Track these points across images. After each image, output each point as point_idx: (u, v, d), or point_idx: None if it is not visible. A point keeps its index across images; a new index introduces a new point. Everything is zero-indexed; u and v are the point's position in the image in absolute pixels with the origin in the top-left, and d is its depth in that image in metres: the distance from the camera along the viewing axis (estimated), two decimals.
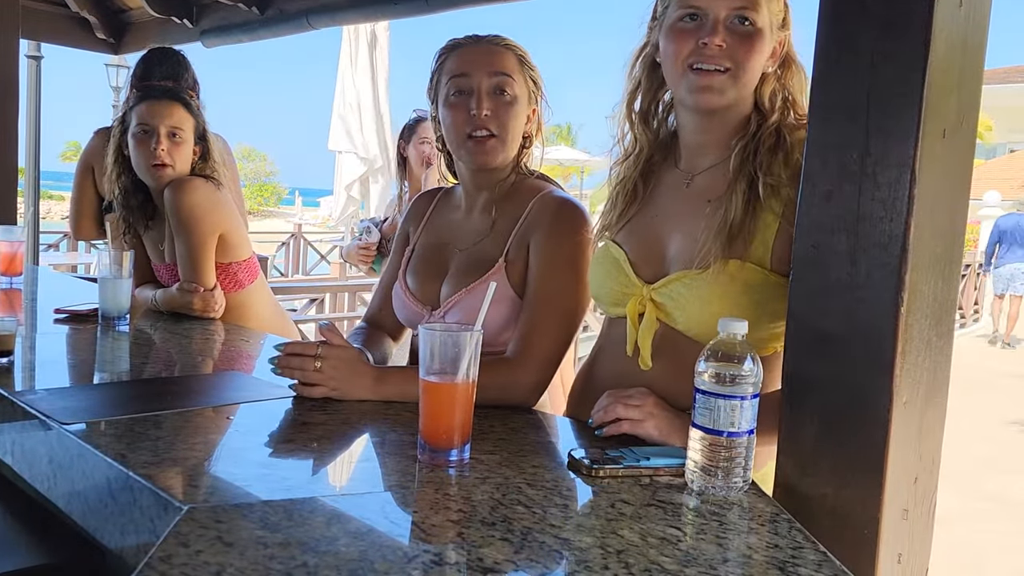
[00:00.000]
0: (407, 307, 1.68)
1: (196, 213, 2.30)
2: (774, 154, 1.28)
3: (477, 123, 1.53)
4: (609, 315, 1.48)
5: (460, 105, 1.55)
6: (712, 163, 1.35)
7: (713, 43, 1.24)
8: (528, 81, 1.59)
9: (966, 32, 1.07)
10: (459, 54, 1.59)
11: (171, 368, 1.78)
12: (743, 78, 1.27)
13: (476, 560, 0.86)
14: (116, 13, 4.45)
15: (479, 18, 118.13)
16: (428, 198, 1.81)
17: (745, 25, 1.25)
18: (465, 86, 1.55)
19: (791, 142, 1.28)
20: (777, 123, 1.31)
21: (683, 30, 1.27)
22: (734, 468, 1.07)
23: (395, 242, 1.83)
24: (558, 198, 1.57)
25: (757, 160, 1.28)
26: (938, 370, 1.13)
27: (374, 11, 3.74)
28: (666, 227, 1.38)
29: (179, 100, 2.40)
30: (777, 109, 1.32)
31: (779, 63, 1.32)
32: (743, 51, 1.25)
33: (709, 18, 1.25)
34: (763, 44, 1.27)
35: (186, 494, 1.01)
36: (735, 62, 1.25)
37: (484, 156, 1.56)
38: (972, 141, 1.13)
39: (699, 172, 1.37)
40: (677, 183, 1.40)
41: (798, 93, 1.33)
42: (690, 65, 1.26)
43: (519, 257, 1.55)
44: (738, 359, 1.06)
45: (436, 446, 1.15)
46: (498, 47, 1.58)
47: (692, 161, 1.39)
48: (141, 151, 2.32)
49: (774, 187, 1.25)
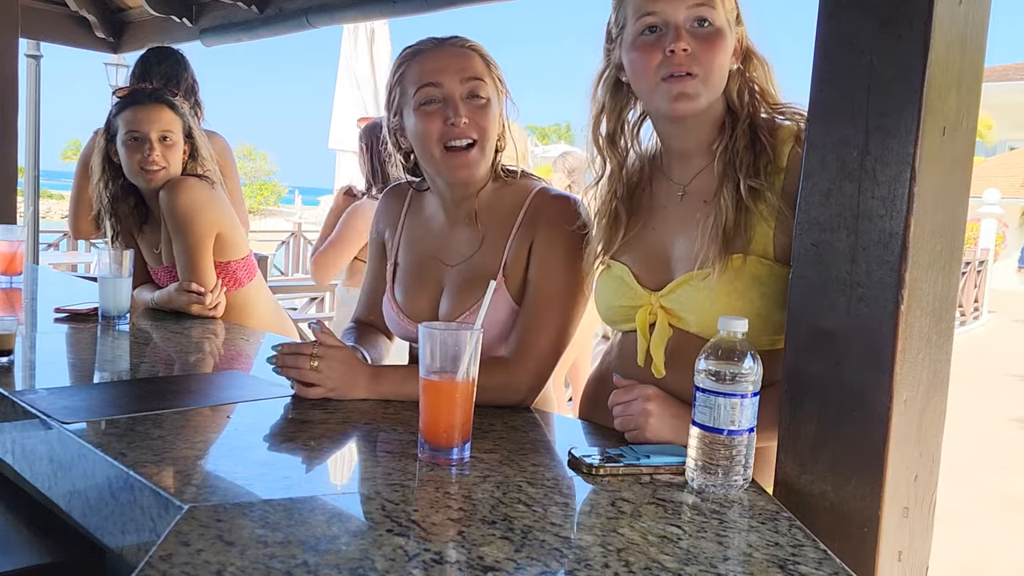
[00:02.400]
0: (399, 324, 1.64)
1: (192, 211, 2.30)
2: (753, 154, 1.29)
3: (456, 132, 1.47)
4: (621, 331, 1.46)
5: (434, 114, 1.47)
6: (700, 167, 1.36)
7: (679, 48, 1.24)
8: (495, 81, 1.53)
9: (966, 29, 1.07)
10: (424, 61, 1.50)
11: (171, 367, 1.78)
12: (712, 79, 1.27)
13: (476, 559, 0.86)
14: (115, 12, 4.45)
15: (479, 17, 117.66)
16: (398, 197, 1.72)
17: (705, 26, 1.26)
18: (437, 95, 1.47)
19: (771, 142, 1.29)
20: (749, 119, 1.31)
21: (646, 43, 1.28)
22: (734, 466, 1.07)
23: (371, 243, 1.77)
24: (553, 195, 1.55)
25: (738, 161, 1.29)
26: (938, 368, 1.13)
27: (373, 10, 3.74)
28: (666, 236, 1.38)
29: (164, 102, 2.38)
30: (747, 104, 1.32)
31: (741, 59, 1.33)
32: (708, 52, 1.25)
33: (670, 26, 1.25)
34: (725, 42, 1.27)
35: (186, 493, 1.01)
36: (702, 64, 1.25)
37: (467, 170, 1.49)
38: (972, 139, 1.13)
39: (690, 180, 1.37)
40: (671, 193, 1.40)
41: (765, 83, 1.33)
42: (662, 76, 1.26)
43: (519, 263, 1.51)
44: (738, 357, 1.06)
45: (436, 445, 1.15)
46: (464, 50, 1.52)
47: (681, 170, 1.39)
48: (134, 157, 2.31)
49: (758, 189, 1.26)
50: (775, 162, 1.28)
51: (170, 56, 3.02)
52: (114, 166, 2.41)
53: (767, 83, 1.33)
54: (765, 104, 1.33)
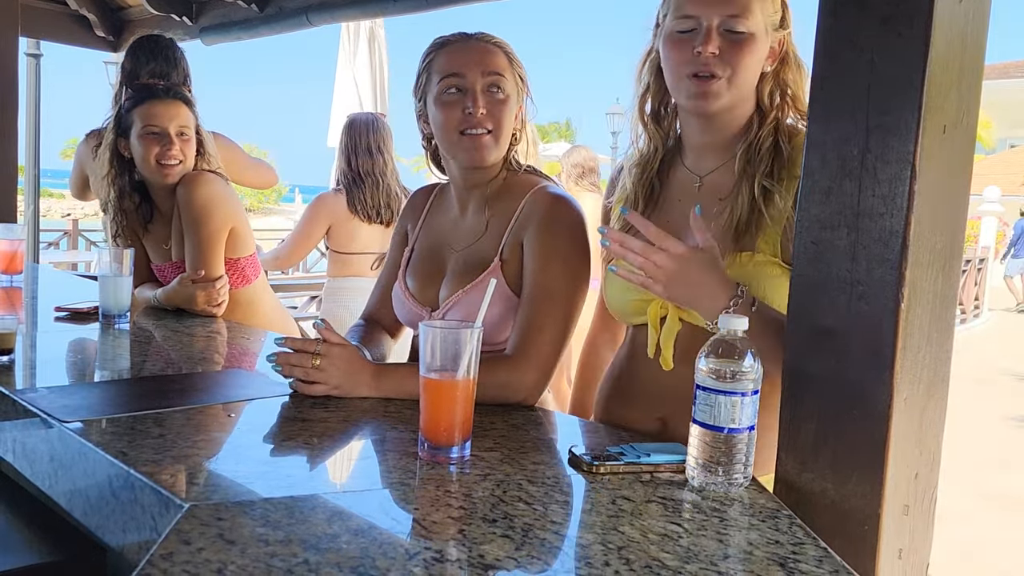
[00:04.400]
0: (407, 308, 1.68)
1: (211, 205, 2.31)
2: (775, 158, 1.33)
3: (473, 122, 1.53)
4: (632, 325, 1.49)
5: (454, 104, 1.54)
6: (718, 164, 1.40)
7: (707, 51, 1.29)
8: (516, 78, 1.60)
9: (966, 27, 1.07)
10: (450, 52, 1.58)
11: (172, 366, 1.78)
12: (737, 81, 1.31)
13: (477, 557, 0.86)
14: (115, 11, 4.44)
15: (479, 16, 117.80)
16: (425, 194, 1.80)
17: (738, 31, 1.30)
18: (459, 85, 1.54)
19: (789, 148, 1.33)
20: (775, 121, 1.35)
21: (680, 40, 1.33)
22: (734, 464, 1.07)
23: (393, 238, 1.83)
24: (551, 194, 1.57)
25: (759, 162, 1.32)
26: (938, 366, 1.13)
27: (373, 8, 3.74)
28: (679, 227, 1.37)
29: (181, 98, 2.41)
30: (776, 106, 1.36)
31: (777, 61, 1.36)
32: (736, 56, 1.30)
33: (703, 27, 1.30)
34: (756, 47, 1.31)
35: (187, 492, 1.01)
36: (729, 67, 1.30)
37: (479, 152, 1.55)
38: (972, 137, 1.13)
39: (707, 173, 1.41)
40: (688, 186, 1.43)
41: (797, 88, 1.37)
42: (688, 73, 1.31)
43: (514, 255, 1.55)
44: (738, 355, 1.06)
45: (437, 443, 1.15)
46: (489, 45, 1.58)
47: (698, 163, 1.43)
48: (152, 151, 2.32)
49: (770, 190, 1.30)
50: (789, 169, 1.31)
51: (161, 53, 2.94)
52: (123, 161, 2.40)
53: (799, 88, 1.36)
54: (794, 108, 1.37)
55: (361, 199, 3.30)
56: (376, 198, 3.31)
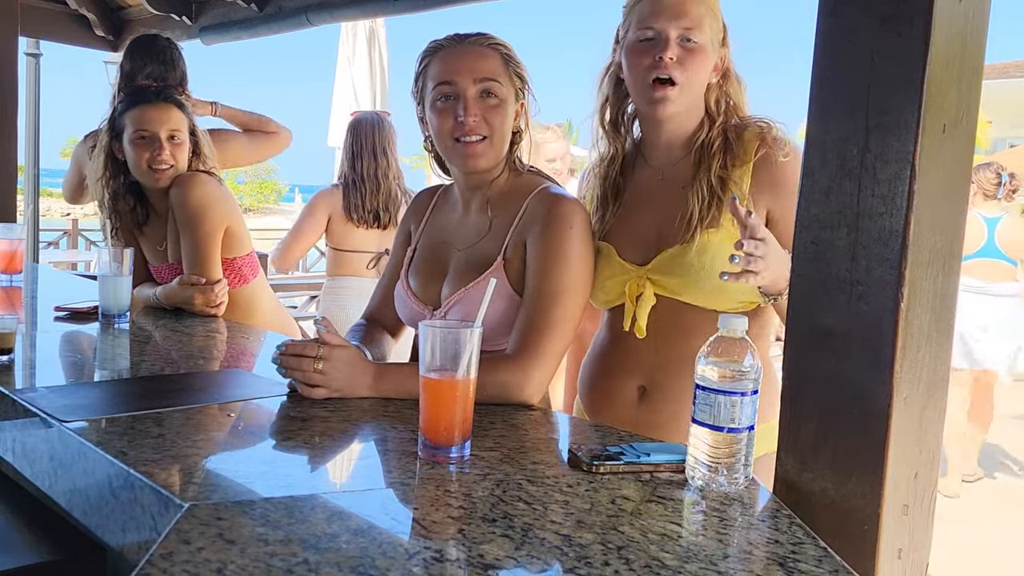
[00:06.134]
0: (409, 307, 1.68)
1: (204, 206, 2.31)
2: (725, 152, 1.53)
3: (466, 129, 1.53)
4: (608, 309, 1.64)
5: (447, 111, 1.54)
6: (679, 158, 1.60)
7: (667, 56, 1.48)
8: (514, 79, 1.58)
9: (966, 26, 1.07)
10: (442, 59, 1.57)
11: (172, 365, 1.78)
12: (691, 86, 1.51)
13: (477, 556, 0.86)
14: (115, 10, 4.45)
15: (479, 16, 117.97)
16: (429, 195, 1.81)
17: (691, 42, 1.50)
18: (451, 93, 1.54)
19: (739, 141, 1.54)
20: (723, 125, 1.56)
21: (642, 48, 1.52)
22: (735, 464, 1.07)
23: (396, 238, 1.83)
24: (553, 195, 1.57)
25: (711, 157, 1.53)
26: (938, 365, 1.13)
27: (373, 8, 3.74)
28: (648, 216, 1.59)
29: (173, 102, 2.40)
30: (722, 112, 1.58)
31: (720, 75, 1.57)
32: (691, 62, 1.50)
33: (663, 37, 1.50)
34: (706, 57, 1.52)
35: (187, 491, 1.01)
36: (686, 71, 1.49)
37: (473, 159, 1.56)
38: (972, 136, 1.13)
39: (669, 167, 1.61)
40: (652, 178, 1.63)
41: (738, 98, 1.59)
42: (650, 80, 1.50)
43: (516, 255, 1.55)
44: (738, 355, 1.06)
45: (436, 443, 1.15)
46: (482, 48, 1.57)
47: (661, 159, 1.62)
48: (142, 156, 2.32)
49: (724, 179, 1.51)
50: (741, 156, 1.52)
51: (157, 55, 2.93)
52: (117, 163, 2.40)
53: (739, 98, 1.59)
54: (736, 115, 1.59)
55: (356, 203, 3.30)
56: (373, 202, 3.30)
